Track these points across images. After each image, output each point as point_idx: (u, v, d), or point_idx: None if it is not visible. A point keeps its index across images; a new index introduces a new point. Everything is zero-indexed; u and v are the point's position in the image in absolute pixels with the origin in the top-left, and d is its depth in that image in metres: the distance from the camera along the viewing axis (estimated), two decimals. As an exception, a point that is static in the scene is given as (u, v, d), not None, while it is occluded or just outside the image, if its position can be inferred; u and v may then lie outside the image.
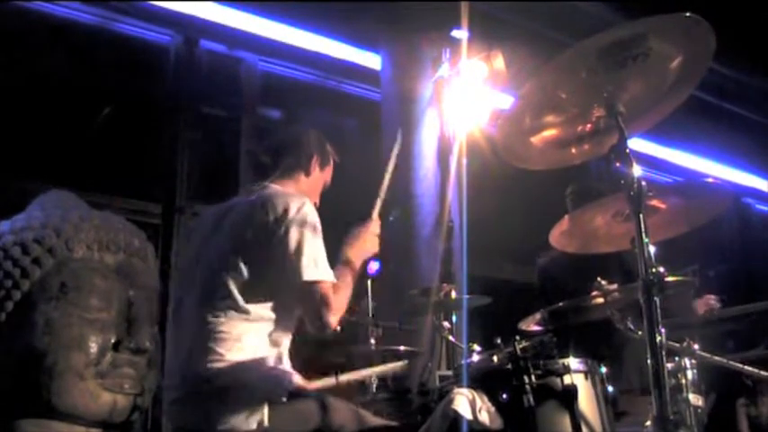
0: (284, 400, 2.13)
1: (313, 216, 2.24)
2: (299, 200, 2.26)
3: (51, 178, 3.86)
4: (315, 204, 2.53)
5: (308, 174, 2.53)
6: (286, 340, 2.27)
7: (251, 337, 2.17)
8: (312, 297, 2.16)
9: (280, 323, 2.23)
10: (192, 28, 5.08)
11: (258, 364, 2.17)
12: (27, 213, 2.97)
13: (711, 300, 3.42)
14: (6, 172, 4.11)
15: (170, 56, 5.12)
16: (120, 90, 4.91)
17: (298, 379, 2.23)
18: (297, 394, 2.20)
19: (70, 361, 2.66)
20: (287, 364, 2.28)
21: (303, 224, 2.19)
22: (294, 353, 2.33)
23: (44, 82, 4.54)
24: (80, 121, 4.70)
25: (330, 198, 2.67)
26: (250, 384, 2.11)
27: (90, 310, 2.77)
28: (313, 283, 2.15)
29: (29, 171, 4.22)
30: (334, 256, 2.33)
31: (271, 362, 2.20)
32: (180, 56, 5.10)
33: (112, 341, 2.79)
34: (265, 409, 2.09)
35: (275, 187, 2.40)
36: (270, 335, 2.21)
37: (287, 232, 2.17)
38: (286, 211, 2.20)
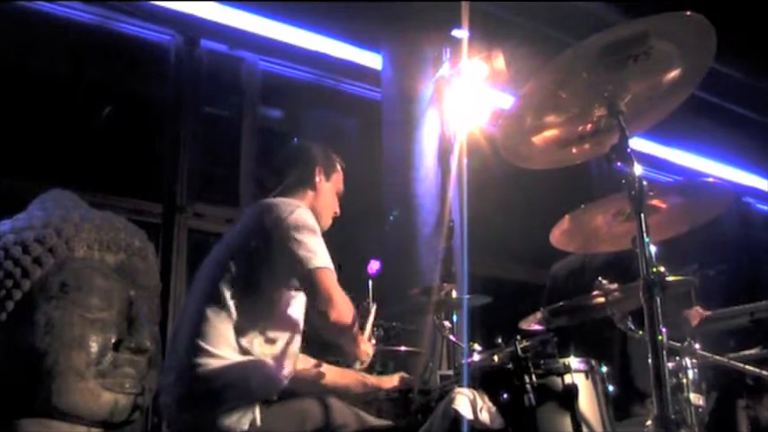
0: (275, 399, 2.14)
1: (308, 219, 2.27)
2: (293, 205, 2.29)
3: (52, 178, 3.86)
4: (335, 214, 2.58)
5: (314, 188, 2.55)
6: (282, 340, 2.27)
7: (242, 337, 2.18)
8: (317, 283, 2.17)
9: (274, 324, 2.24)
10: (192, 27, 5.08)
11: (249, 364, 2.17)
12: (28, 213, 2.97)
13: (700, 310, 3.42)
14: (7, 171, 4.11)
15: (171, 55, 5.12)
16: (120, 90, 4.91)
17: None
18: (293, 393, 2.21)
19: (71, 360, 2.66)
20: (287, 364, 2.29)
21: (298, 226, 2.22)
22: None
23: (44, 81, 4.54)
24: (81, 121, 4.70)
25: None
26: (240, 384, 2.12)
27: (91, 310, 2.77)
28: (315, 270, 2.17)
29: (30, 171, 4.22)
30: (334, 256, 2.34)
31: (263, 362, 2.20)
32: (180, 55, 5.09)
33: (113, 341, 2.80)
34: (257, 410, 2.09)
35: (277, 198, 2.42)
36: (264, 335, 2.22)
37: (285, 233, 2.20)
38: (281, 215, 2.23)
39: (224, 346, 2.15)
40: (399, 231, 4.74)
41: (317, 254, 2.19)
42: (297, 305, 2.32)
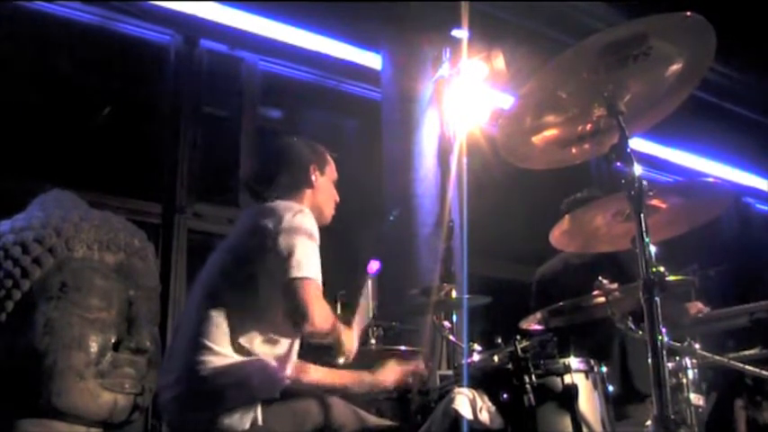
0: (277, 398, 2.14)
1: (308, 224, 2.25)
2: (295, 209, 2.28)
3: (52, 178, 3.86)
4: (336, 202, 2.58)
5: (312, 186, 2.53)
6: (285, 341, 2.27)
7: (244, 336, 2.18)
8: (295, 293, 2.13)
9: (275, 324, 2.23)
10: (192, 27, 5.08)
11: (251, 363, 2.17)
12: (27, 213, 2.97)
13: (700, 305, 3.42)
14: (7, 172, 4.10)
15: (170, 55, 5.12)
16: (120, 90, 4.91)
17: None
18: (294, 393, 2.21)
19: (70, 361, 2.66)
20: (289, 364, 2.29)
21: (297, 230, 2.20)
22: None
23: (44, 81, 4.54)
24: (80, 121, 4.70)
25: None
26: (241, 383, 2.12)
27: (90, 310, 2.78)
28: (297, 280, 2.14)
29: (29, 171, 4.22)
30: (334, 257, 2.33)
31: (265, 361, 2.20)
32: (180, 55, 5.09)
33: (113, 341, 2.80)
34: (258, 408, 2.09)
35: (278, 201, 2.41)
36: (265, 335, 2.22)
37: (280, 237, 2.19)
38: (281, 218, 2.22)
39: (227, 344, 2.15)
40: (399, 231, 4.74)
41: (302, 263, 2.16)
42: None
